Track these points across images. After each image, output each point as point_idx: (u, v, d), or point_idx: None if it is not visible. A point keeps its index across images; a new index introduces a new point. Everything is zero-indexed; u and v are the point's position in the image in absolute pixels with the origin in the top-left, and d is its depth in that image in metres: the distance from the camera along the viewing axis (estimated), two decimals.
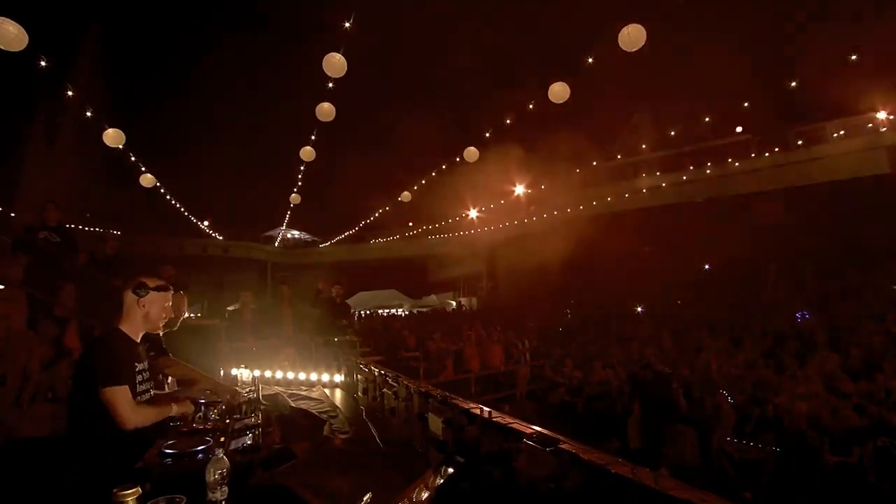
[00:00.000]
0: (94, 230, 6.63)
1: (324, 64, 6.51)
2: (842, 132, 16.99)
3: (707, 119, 20.52)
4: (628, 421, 7.14)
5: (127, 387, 2.08)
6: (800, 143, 17.67)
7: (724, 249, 16.99)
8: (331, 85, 7.46)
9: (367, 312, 26.01)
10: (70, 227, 5.07)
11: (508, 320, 13.73)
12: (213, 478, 1.41)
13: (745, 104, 18.41)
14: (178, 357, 3.91)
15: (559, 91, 7.48)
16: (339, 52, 6.40)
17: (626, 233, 17.58)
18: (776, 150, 17.87)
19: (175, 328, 2.88)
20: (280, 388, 3.79)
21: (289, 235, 33.32)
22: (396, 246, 29.73)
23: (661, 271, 17.41)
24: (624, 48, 5.89)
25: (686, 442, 6.50)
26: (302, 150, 9.71)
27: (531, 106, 9.06)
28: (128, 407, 2.05)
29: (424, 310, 26.58)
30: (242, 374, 3.47)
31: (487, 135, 11.59)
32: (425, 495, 1.34)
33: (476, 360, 9.14)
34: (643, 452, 6.82)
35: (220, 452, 1.46)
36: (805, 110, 17.73)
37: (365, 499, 1.28)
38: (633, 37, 5.87)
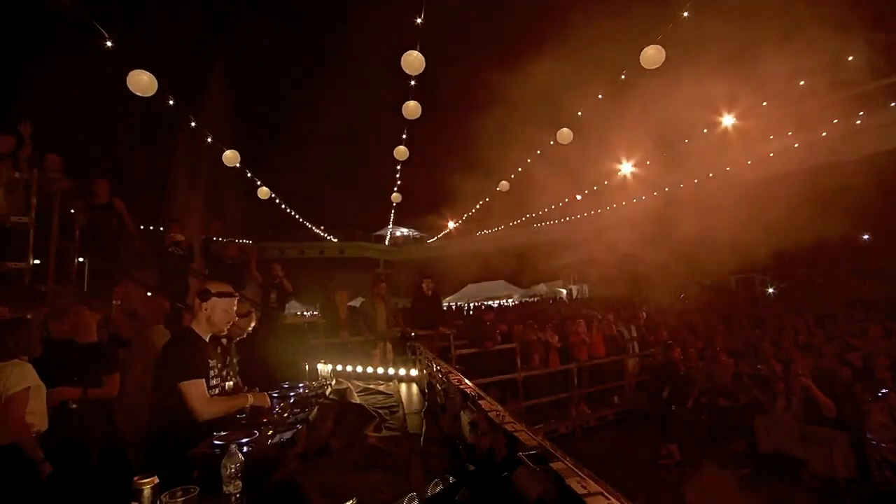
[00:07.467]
0: (226, 240, 7.66)
1: (402, 62, 6.58)
2: None
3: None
4: (756, 419, 6.22)
5: (203, 381, 2.28)
6: None
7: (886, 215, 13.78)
8: (412, 83, 7.56)
9: (476, 304, 26.21)
10: (182, 239, 5.84)
11: (619, 307, 12.74)
12: (227, 472, 1.48)
13: None
14: (271, 352, 4.30)
15: (653, 55, 6.72)
16: (416, 49, 6.43)
17: (751, 203, 15.17)
18: None
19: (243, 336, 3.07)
20: (360, 382, 3.95)
21: (398, 233, 35.03)
22: (502, 236, 29.56)
23: (798, 245, 14.69)
24: None
25: (835, 448, 5.47)
26: (395, 149, 10.01)
27: (623, 76, 8.25)
28: (201, 400, 2.24)
29: (532, 299, 26.06)
30: (323, 368, 3.66)
31: (580, 113, 10.87)
32: None
33: (584, 349, 8.63)
34: (776, 458, 5.91)
35: (233, 447, 1.52)
36: None
37: None
38: None
